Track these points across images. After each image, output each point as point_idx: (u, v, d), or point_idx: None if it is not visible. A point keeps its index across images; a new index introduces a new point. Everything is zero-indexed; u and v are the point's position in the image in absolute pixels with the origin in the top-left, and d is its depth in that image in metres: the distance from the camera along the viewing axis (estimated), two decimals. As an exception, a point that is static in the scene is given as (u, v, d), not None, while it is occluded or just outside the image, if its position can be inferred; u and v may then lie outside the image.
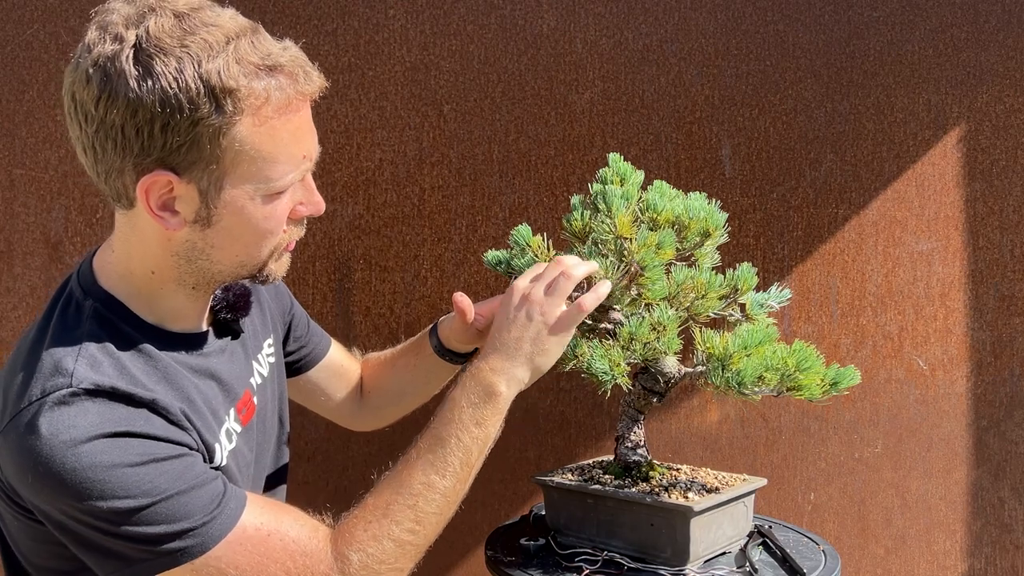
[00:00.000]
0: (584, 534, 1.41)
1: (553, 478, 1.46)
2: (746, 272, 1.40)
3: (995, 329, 2.20)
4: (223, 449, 1.17)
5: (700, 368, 1.32)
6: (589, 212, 1.40)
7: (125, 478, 1.01)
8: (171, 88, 0.99)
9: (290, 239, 1.17)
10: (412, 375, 1.59)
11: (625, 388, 1.31)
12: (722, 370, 1.27)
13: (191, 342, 1.19)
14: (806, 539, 1.50)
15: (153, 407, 1.06)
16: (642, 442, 1.44)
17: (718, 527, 1.36)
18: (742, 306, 1.40)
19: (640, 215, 1.38)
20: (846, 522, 2.20)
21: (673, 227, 1.37)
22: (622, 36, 2.07)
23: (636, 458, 1.43)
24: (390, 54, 2.03)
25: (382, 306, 2.07)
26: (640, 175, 1.44)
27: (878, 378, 2.18)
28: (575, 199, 1.44)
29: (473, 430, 1.20)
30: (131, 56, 1.00)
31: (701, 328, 1.33)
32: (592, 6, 2.06)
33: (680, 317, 1.33)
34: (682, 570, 1.31)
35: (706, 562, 1.35)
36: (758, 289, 1.42)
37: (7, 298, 1.97)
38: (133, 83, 1.00)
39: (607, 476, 1.44)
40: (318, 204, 1.16)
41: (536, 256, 1.40)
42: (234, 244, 1.12)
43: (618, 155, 1.45)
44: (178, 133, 1.01)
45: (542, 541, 1.42)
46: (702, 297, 1.34)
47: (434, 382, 1.59)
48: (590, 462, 1.56)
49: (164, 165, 1.04)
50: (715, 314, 1.38)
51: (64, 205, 1.97)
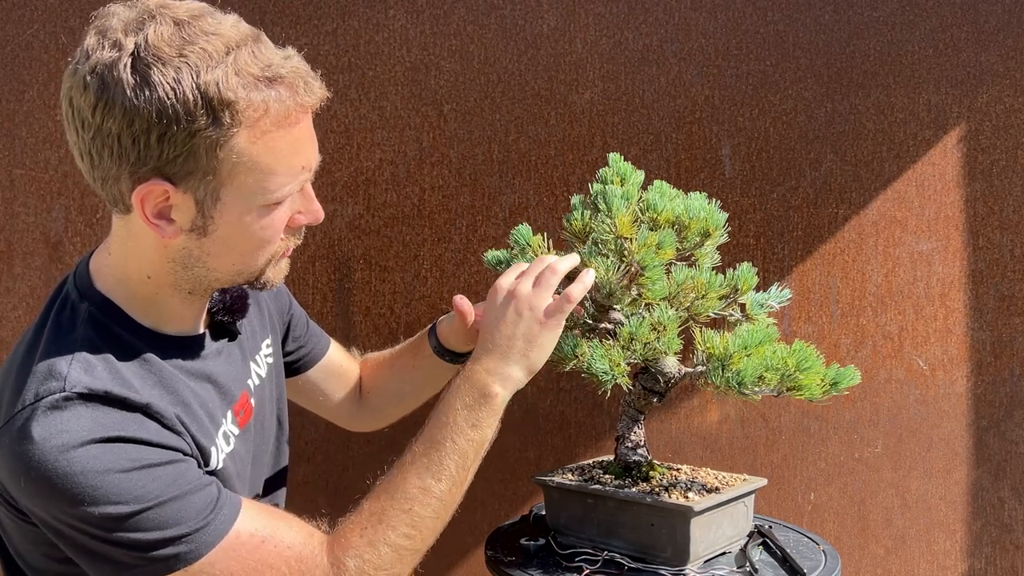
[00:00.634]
0: (584, 534, 1.41)
1: (553, 478, 1.46)
2: (746, 272, 1.40)
3: (995, 329, 2.20)
4: (219, 452, 1.16)
5: (700, 368, 1.32)
6: (589, 212, 1.40)
7: (118, 484, 1.01)
8: (168, 99, 0.98)
9: (287, 247, 1.17)
10: (411, 375, 1.59)
11: (625, 388, 1.31)
12: (722, 370, 1.27)
13: (187, 345, 1.19)
14: (806, 539, 1.50)
15: (147, 411, 1.05)
16: (642, 442, 1.44)
17: (718, 527, 1.36)
18: (742, 306, 1.40)
19: (640, 215, 1.38)
20: (846, 522, 2.20)
21: (673, 227, 1.37)
22: (622, 36, 2.07)
23: (636, 458, 1.43)
24: (390, 54, 2.03)
25: (382, 306, 2.07)
26: (640, 175, 1.44)
27: (878, 378, 2.18)
28: (575, 199, 1.44)
29: (469, 433, 1.19)
30: (129, 64, 0.99)
31: (701, 328, 1.33)
32: (592, 6, 2.06)
33: (680, 317, 1.33)
34: (682, 570, 1.31)
35: (706, 562, 1.35)
36: (758, 289, 1.42)
37: (7, 298, 1.97)
38: (130, 92, 0.98)
39: (607, 476, 1.44)
40: (316, 213, 1.16)
41: (536, 256, 1.40)
42: (230, 253, 1.11)
43: (618, 155, 1.45)
44: (175, 144, 1.00)
45: (542, 541, 1.43)
46: (702, 297, 1.34)
47: (433, 382, 1.59)
48: (590, 462, 1.56)
49: (160, 175, 1.03)
50: (715, 314, 1.38)
51: (64, 205, 1.97)
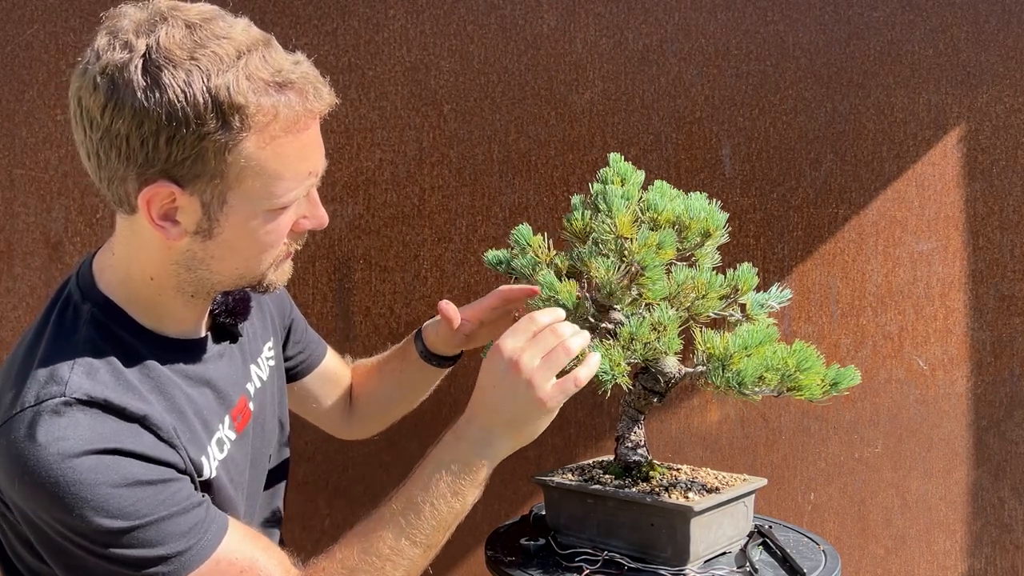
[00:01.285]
0: (584, 534, 1.41)
1: (553, 478, 1.46)
2: (746, 272, 1.40)
3: (995, 329, 2.20)
4: (212, 460, 1.16)
5: (700, 368, 1.32)
6: (590, 212, 1.40)
7: (109, 498, 1.00)
8: (178, 101, 0.98)
9: (290, 250, 1.17)
10: (398, 380, 1.58)
11: (625, 388, 1.31)
12: (722, 370, 1.27)
13: (188, 348, 1.19)
14: (806, 539, 1.50)
15: (144, 423, 1.05)
16: (642, 442, 1.43)
17: (718, 527, 1.36)
18: (742, 306, 1.40)
19: (641, 215, 1.38)
20: (846, 522, 2.20)
21: (674, 227, 1.37)
22: (622, 36, 2.07)
23: (636, 458, 1.43)
24: (390, 54, 2.03)
25: (382, 306, 2.07)
26: (641, 175, 1.44)
27: (878, 378, 2.18)
28: (576, 199, 1.44)
29: (450, 500, 1.18)
30: (140, 66, 0.99)
31: (701, 328, 1.33)
32: (592, 6, 2.06)
33: (680, 317, 1.33)
34: (682, 570, 1.31)
35: (706, 562, 1.35)
36: (758, 289, 1.42)
37: (7, 298, 1.97)
38: (140, 94, 0.98)
39: (607, 476, 1.44)
40: (321, 218, 1.16)
41: (536, 256, 1.40)
42: (234, 257, 1.11)
43: (619, 155, 1.45)
44: (183, 146, 1.00)
45: (542, 541, 1.42)
46: (702, 297, 1.34)
47: (421, 388, 1.59)
48: (590, 462, 1.56)
49: (167, 177, 1.03)
50: (715, 314, 1.38)
51: (64, 205, 1.97)
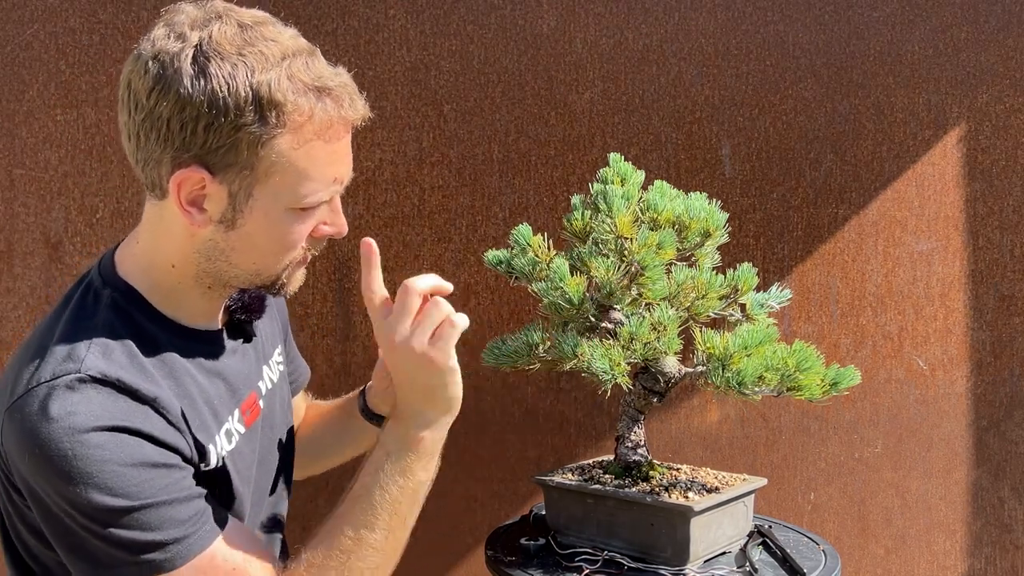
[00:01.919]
0: (584, 534, 1.41)
1: (553, 478, 1.46)
2: (746, 272, 1.40)
3: (995, 329, 2.20)
4: (219, 449, 1.17)
5: (700, 368, 1.32)
6: (590, 212, 1.40)
7: (114, 476, 1.02)
8: (221, 91, 1.03)
9: (307, 255, 1.19)
10: (336, 430, 1.57)
11: (625, 388, 1.31)
12: (722, 370, 1.27)
13: (204, 339, 1.21)
14: (806, 539, 1.50)
15: (155, 405, 1.07)
16: (642, 442, 1.44)
17: (718, 527, 1.36)
18: (742, 306, 1.40)
19: (641, 215, 1.38)
20: (846, 522, 2.20)
21: (673, 227, 1.37)
22: (622, 36, 2.07)
23: (636, 458, 1.43)
24: (390, 54, 2.03)
25: (382, 306, 2.07)
26: (640, 175, 1.44)
27: (878, 378, 2.18)
28: (576, 199, 1.44)
29: (399, 480, 1.19)
30: (190, 56, 1.04)
31: (701, 328, 1.33)
32: (592, 6, 2.06)
33: (680, 317, 1.33)
34: (682, 570, 1.31)
35: (706, 562, 1.35)
36: (758, 289, 1.42)
37: (7, 298, 1.97)
38: (187, 81, 1.04)
39: (607, 476, 1.44)
40: (341, 226, 1.19)
41: (536, 256, 1.40)
42: (252, 251, 1.14)
43: (619, 155, 1.45)
44: (220, 135, 1.05)
45: (542, 541, 1.43)
46: (702, 297, 1.34)
47: (354, 444, 1.57)
48: (590, 462, 1.56)
49: (200, 163, 1.07)
50: (715, 314, 1.38)
51: (64, 205, 1.97)
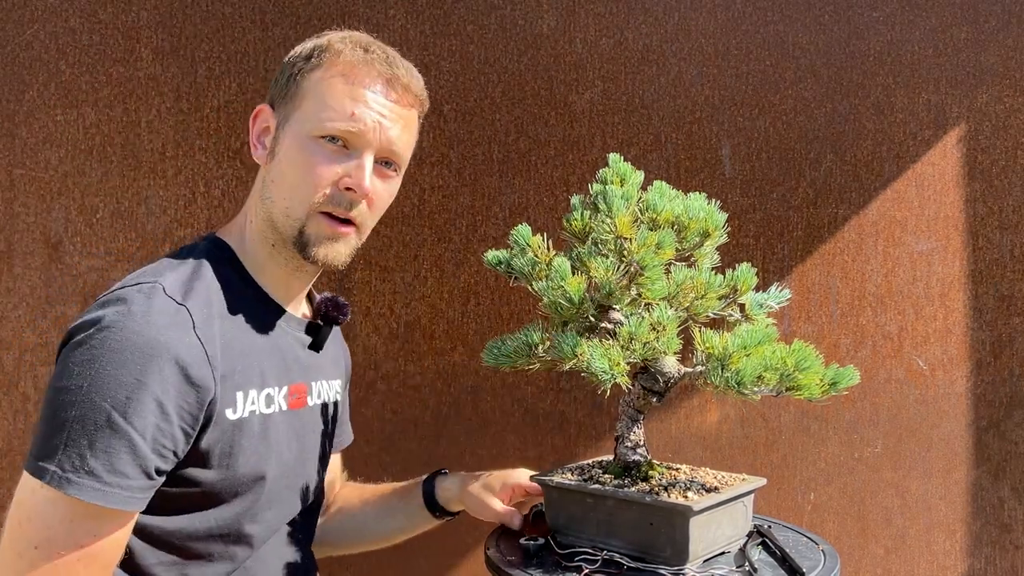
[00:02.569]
0: (584, 534, 1.41)
1: (552, 478, 1.46)
2: (746, 272, 1.40)
3: (995, 329, 2.20)
4: (248, 403, 1.23)
5: (700, 368, 1.32)
6: (589, 212, 1.40)
7: (117, 383, 1.08)
8: (298, 49, 1.30)
9: (329, 206, 1.26)
10: (390, 516, 1.60)
11: (625, 387, 1.31)
12: (721, 370, 1.27)
13: (274, 310, 1.32)
14: (805, 539, 1.50)
15: (201, 335, 1.16)
16: (642, 442, 1.43)
17: (717, 526, 1.36)
18: (741, 306, 1.40)
19: (640, 215, 1.38)
20: (846, 522, 2.20)
21: (673, 227, 1.37)
22: (622, 36, 2.07)
23: (636, 458, 1.43)
24: (390, 54, 2.03)
25: (382, 306, 2.07)
26: (640, 175, 1.44)
27: (878, 378, 2.18)
28: (575, 199, 1.44)
29: None
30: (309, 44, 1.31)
31: (700, 328, 1.33)
32: (592, 6, 2.06)
33: (680, 317, 1.33)
34: (681, 569, 1.31)
35: (705, 561, 1.35)
36: (758, 289, 1.42)
37: (7, 298, 1.97)
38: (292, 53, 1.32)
39: (607, 476, 1.44)
40: (360, 179, 1.26)
41: (536, 256, 1.40)
42: (283, 181, 1.26)
43: (618, 156, 1.45)
44: (283, 74, 1.30)
45: (541, 541, 1.43)
46: (702, 297, 1.34)
47: (406, 531, 1.61)
48: (590, 462, 1.56)
49: (269, 102, 1.32)
50: (715, 314, 1.38)
51: (64, 205, 1.97)
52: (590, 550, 1.37)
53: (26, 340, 1.96)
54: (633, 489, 1.36)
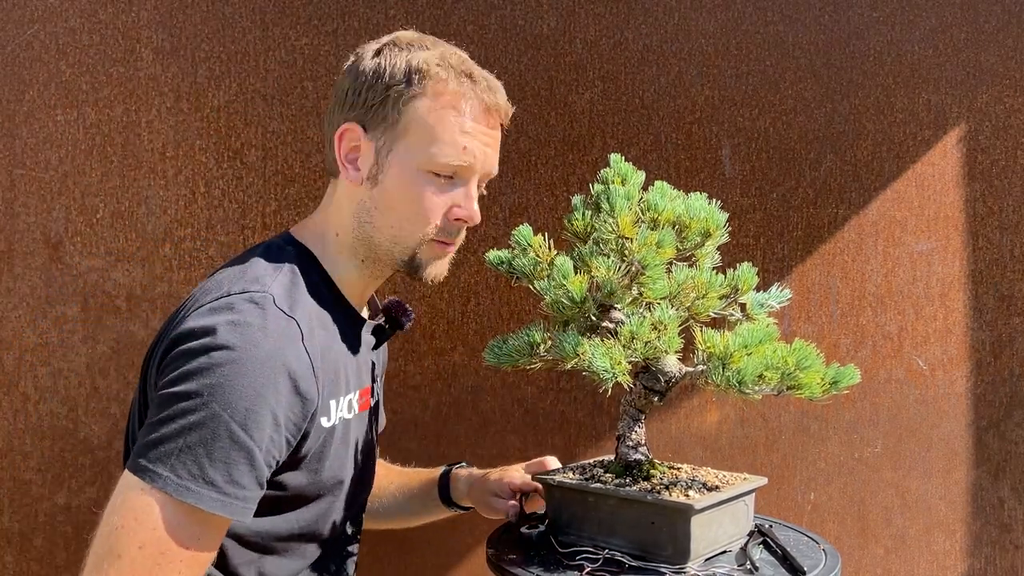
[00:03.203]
0: (585, 532, 1.41)
1: (554, 477, 1.46)
2: (746, 272, 1.40)
3: (995, 329, 2.21)
4: (339, 411, 1.28)
5: (701, 367, 1.32)
6: (590, 212, 1.40)
7: (238, 394, 1.10)
8: (384, 65, 1.27)
9: (444, 238, 1.31)
10: (416, 502, 1.68)
11: (626, 387, 1.31)
12: (723, 369, 1.27)
13: (352, 316, 1.35)
14: (806, 538, 1.50)
15: (308, 346, 1.19)
16: (643, 441, 1.44)
17: (719, 525, 1.36)
18: (742, 306, 1.40)
19: (641, 215, 1.38)
20: (846, 522, 2.20)
21: (674, 227, 1.37)
22: (622, 36, 2.08)
23: (637, 457, 1.43)
24: (390, 54, 2.03)
25: (382, 306, 2.07)
26: (641, 175, 1.44)
27: (878, 378, 2.18)
28: (576, 199, 1.45)
29: None
30: (376, 48, 1.30)
31: (702, 327, 1.33)
32: (592, 6, 2.06)
33: (681, 316, 1.33)
34: (683, 568, 1.31)
35: (707, 560, 1.35)
36: (758, 289, 1.42)
37: (7, 298, 1.97)
38: (366, 60, 1.29)
39: (608, 475, 1.44)
40: (472, 211, 1.32)
41: (537, 256, 1.40)
42: (391, 211, 1.28)
43: (619, 156, 1.45)
44: (375, 94, 1.26)
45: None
46: (703, 297, 1.34)
47: (429, 516, 1.70)
48: (591, 461, 1.56)
49: (358, 120, 1.28)
50: (716, 313, 1.38)
51: (64, 205, 1.97)
52: (591, 549, 1.37)
53: (26, 340, 1.96)
54: (634, 488, 1.36)
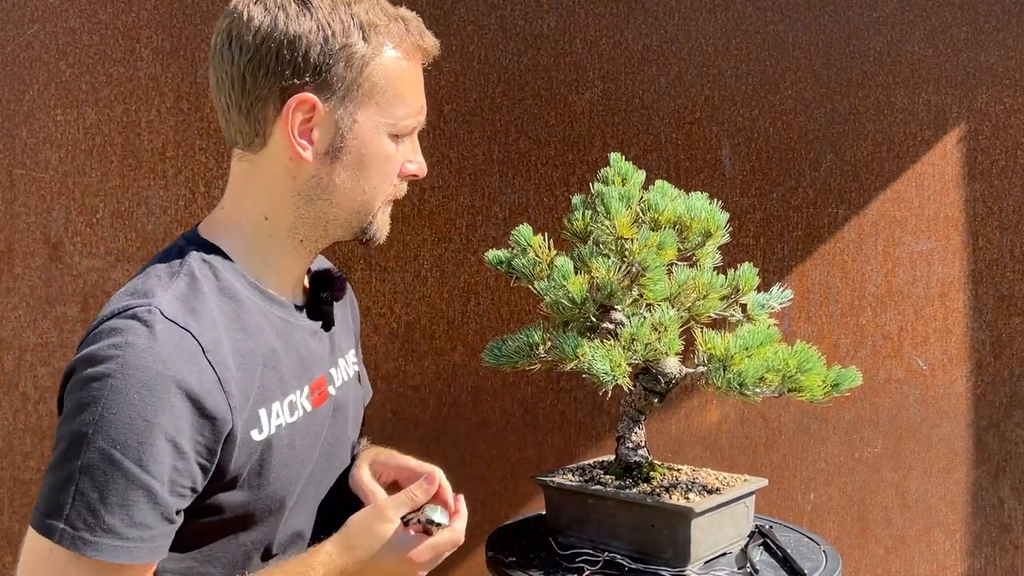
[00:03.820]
0: (584, 535, 1.41)
1: (553, 478, 1.46)
2: (747, 273, 1.40)
3: (995, 329, 2.20)
4: (273, 417, 1.15)
5: (701, 369, 1.32)
6: (590, 212, 1.40)
7: (126, 425, 0.99)
8: (325, 20, 1.10)
9: (396, 194, 1.24)
10: None
11: (626, 388, 1.31)
12: (723, 371, 1.27)
13: (284, 308, 1.21)
14: (807, 539, 1.50)
15: (211, 357, 1.06)
16: (643, 443, 1.43)
17: (719, 528, 1.36)
18: (743, 307, 1.40)
19: (641, 215, 1.38)
20: (846, 522, 2.20)
21: (674, 227, 1.37)
22: (622, 36, 2.07)
23: (637, 458, 1.43)
24: (390, 54, 2.03)
25: (382, 306, 2.07)
26: (641, 175, 1.44)
27: (878, 378, 2.18)
28: (576, 199, 1.44)
29: None
30: (282, 3, 1.12)
31: (702, 328, 1.33)
32: (592, 6, 2.06)
33: (681, 317, 1.33)
34: (683, 571, 1.31)
35: (707, 563, 1.35)
36: (759, 290, 1.42)
37: (7, 298, 1.97)
38: (293, 13, 1.10)
39: (608, 476, 1.43)
40: (422, 164, 1.23)
41: (537, 256, 1.40)
42: (356, 184, 1.17)
43: (620, 155, 1.45)
44: (329, 57, 1.11)
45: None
46: (703, 297, 1.34)
47: None
48: (590, 462, 1.56)
49: (311, 88, 1.11)
50: (716, 315, 1.38)
51: (64, 205, 1.97)
52: (591, 551, 1.37)
53: (26, 340, 1.96)
54: (634, 490, 1.36)
